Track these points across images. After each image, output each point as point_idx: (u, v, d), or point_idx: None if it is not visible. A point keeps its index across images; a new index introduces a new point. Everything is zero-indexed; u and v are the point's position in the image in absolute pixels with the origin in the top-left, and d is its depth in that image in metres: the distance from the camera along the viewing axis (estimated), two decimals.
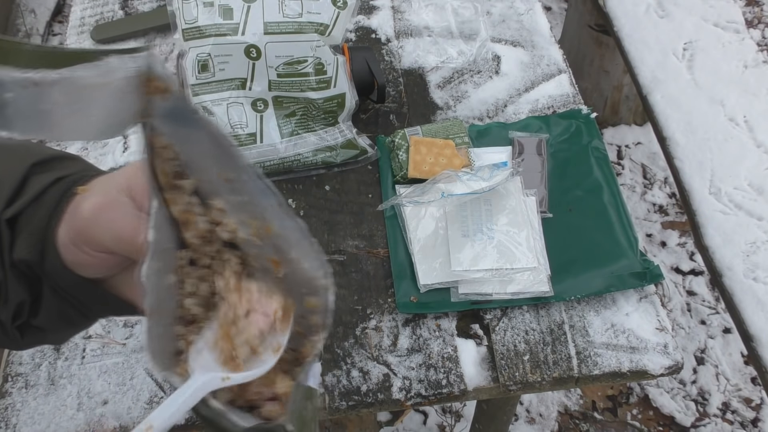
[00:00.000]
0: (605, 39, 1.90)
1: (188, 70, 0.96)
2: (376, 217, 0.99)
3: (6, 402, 0.85)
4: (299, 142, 1.00)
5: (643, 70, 1.52)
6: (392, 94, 1.14)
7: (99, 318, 0.53)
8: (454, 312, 0.90)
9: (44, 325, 0.49)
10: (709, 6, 1.62)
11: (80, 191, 0.44)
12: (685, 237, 2.01)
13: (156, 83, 0.36)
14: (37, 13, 2.59)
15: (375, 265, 0.94)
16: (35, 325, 0.49)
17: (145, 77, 0.35)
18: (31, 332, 0.49)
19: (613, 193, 0.99)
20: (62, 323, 0.50)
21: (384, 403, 0.84)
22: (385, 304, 0.91)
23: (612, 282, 0.90)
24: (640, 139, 2.20)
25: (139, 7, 1.30)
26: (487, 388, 0.85)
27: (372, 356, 0.87)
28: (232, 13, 0.93)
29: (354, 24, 1.24)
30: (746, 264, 1.19)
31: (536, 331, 0.88)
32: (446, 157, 1.00)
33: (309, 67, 0.95)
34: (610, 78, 2.02)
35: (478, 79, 1.16)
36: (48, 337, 0.52)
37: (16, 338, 0.49)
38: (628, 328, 0.88)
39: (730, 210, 1.27)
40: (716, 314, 1.87)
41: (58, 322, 0.49)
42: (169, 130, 0.39)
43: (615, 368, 0.85)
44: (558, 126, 1.07)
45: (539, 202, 0.97)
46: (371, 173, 1.04)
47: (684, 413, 1.71)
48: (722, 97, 1.44)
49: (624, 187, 2.11)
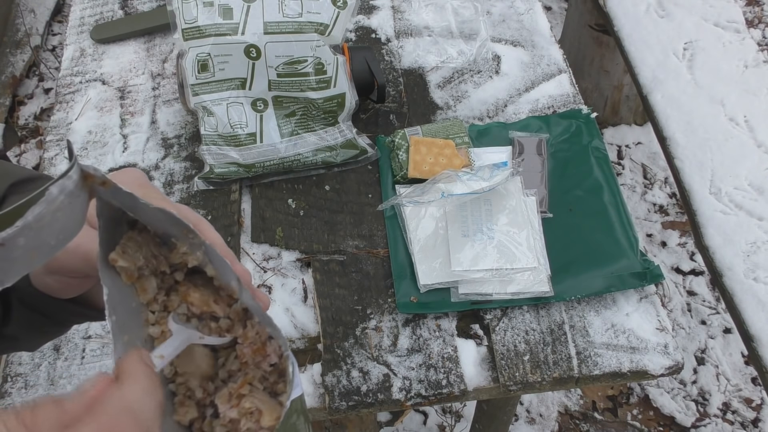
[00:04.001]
0: (605, 39, 1.90)
1: (188, 70, 0.96)
2: (376, 217, 0.99)
3: (6, 402, 0.85)
4: (299, 142, 1.00)
5: (643, 70, 1.52)
6: (392, 94, 1.13)
7: (73, 325, 0.54)
8: (454, 312, 0.90)
9: (16, 334, 0.50)
10: (710, 6, 1.62)
11: None
12: (686, 237, 2.01)
13: (93, 180, 0.38)
14: (36, 13, 2.59)
15: (375, 265, 0.94)
16: (7, 334, 0.49)
17: (81, 181, 0.38)
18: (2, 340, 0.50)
19: (614, 193, 0.99)
20: (33, 332, 0.51)
21: (384, 403, 0.84)
22: (385, 304, 0.91)
23: (612, 282, 0.90)
24: (640, 139, 2.20)
25: (139, 6, 1.30)
26: (487, 388, 0.85)
27: (372, 356, 0.87)
28: (232, 12, 0.93)
29: (354, 24, 1.24)
30: (746, 264, 1.19)
31: (536, 331, 0.88)
32: (446, 157, 1.00)
33: (309, 66, 0.95)
34: (611, 78, 2.02)
35: (478, 78, 1.16)
36: (21, 344, 0.53)
37: None
38: (629, 328, 0.88)
39: (730, 210, 1.27)
40: (716, 314, 1.87)
41: (29, 332, 0.50)
42: (120, 204, 0.42)
43: (615, 368, 0.85)
44: (558, 126, 1.07)
45: (539, 202, 0.97)
46: (371, 173, 1.04)
47: (684, 413, 1.71)
48: (722, 97, 1.44)
49: (624, 187, 2.11)
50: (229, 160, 1.00)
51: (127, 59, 1.22)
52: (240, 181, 1.03)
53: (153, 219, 0.42)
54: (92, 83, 1.18)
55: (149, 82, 1.18)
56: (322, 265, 0.94)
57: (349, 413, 0.85)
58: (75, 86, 1.18)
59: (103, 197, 0.41)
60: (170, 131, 1.11)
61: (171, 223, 0.41)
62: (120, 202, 0.41)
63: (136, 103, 1.15)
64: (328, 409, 0.83)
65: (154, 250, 0.45)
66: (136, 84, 1.18)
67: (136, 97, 1.16)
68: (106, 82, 1.18)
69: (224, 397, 0.43)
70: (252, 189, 1.03)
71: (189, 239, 0.42)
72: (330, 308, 0.91)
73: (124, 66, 1.21)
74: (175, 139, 1.10)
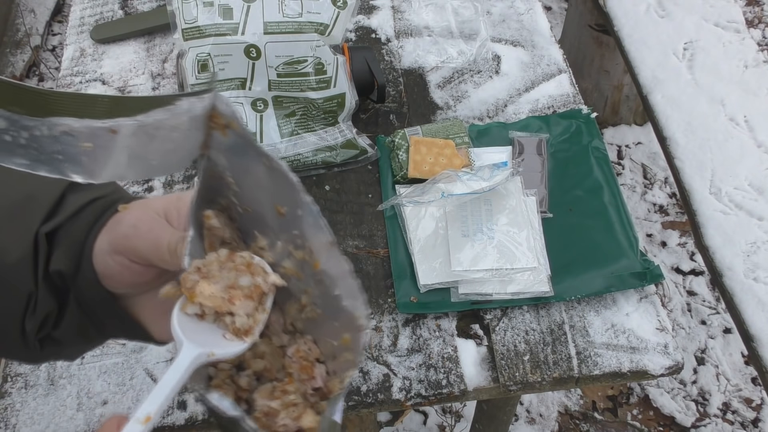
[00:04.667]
0: (605, 39, 1.90)
1: (188, 70, 0.95)
2: (376, 217, 0.99)
3: (5, 402, 0.85)
4: (299, 142, 1.00)
5: (643, 70, 1.52)
6: (392, 94, 1.13)
7: (112, 337, 0.55)
8: (454, 312, 0.90)
9: (63, 338, 0.51)
10: (710, 6, 1.62)
11: (122, 209, 0.48)
12: (686, 237, 2.01)
13: (218, 120, 0.38)
14: (36, 12, 2.59)
15: (375, 265, 0.94)
16: (54, 338, 0.51)
17: (208, 114, 0.37)
18: (49, 344, 0.51)
19: (614, 193, 0.99)
20: (79, 337, 0.52)
21: (384, 403, 0.84)
22: (385, 304, 0.91)
23: (612, 282, 0.90)
24: (640, 139, 2.20)
25: (139, 6, 1.30)
26: (487, 388, 0.85)
27: (372, 356, 0.87)
28: (232, 12, 0.93)
29: (354, 24, 1.24)
30: (746, 264, 1.19)
31: (536, 331, 0.88)
32: (446, 157, 1.00)
33: (309, 66, 0.95)
34: (611, 78, 2.02)
35: (478, 78, 1.16)
36: (64, 351, 0.54)
37: (36, 350, 0.51)
38: (629, 328, 0.88)
39: (730, 210, 1.27)
40: (716, 314, 1.87)
41: (75, 336, 0.52)
42: (227, 162, 0.41)
43: (615, 368, 0.85)
44: (558, 126, 1.07)
45: (539, 202, 0.97)
46: (371, 173, 1.04)
47: (684, 413, 1.71)
48: (722, 97, 1.44)
49: (624, 187, 2.11)
50: None
51: (127, 59, 1.22)
52: None
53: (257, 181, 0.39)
54: (92, 83, 1.18)
55: (149, 82, 1.18)
56: None
57: (349, 413, 0.85)
58: (75, 86, 1.18)
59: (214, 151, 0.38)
60: None
61: (280, 182, 0.38)
62: (231, 156, 0.38)
63: None
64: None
65: (235, 238, 0.44)
66: (136, 84, 1.18)
67: None
68: (106, 82, 1.19)
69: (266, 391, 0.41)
70: None
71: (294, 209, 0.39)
72: None
73: (124, 66, 1.21)
74: None
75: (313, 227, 0.40)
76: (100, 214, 0.49)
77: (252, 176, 0.40)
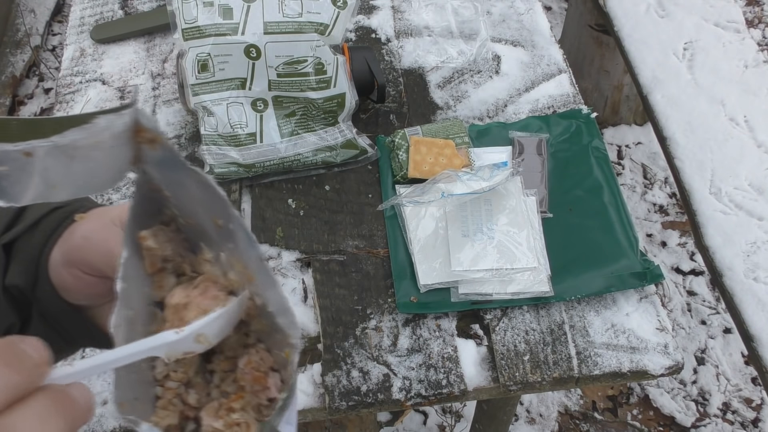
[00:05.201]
0: (605, 39, 1.90)
1: (188, 70, 0.95)
2: (376, 217, 0.99)
3: None
4: (299, 141, 1.00)
5: (643, 70, 1.52)
6: (392, 94, 1.13)
7: (81, 347, 0.54)
8: (454, 312, 0.90)
9: None
10: (710, 6, 1.62)
11: (78, 219, 0.47)
12: (686, 237, 2.01)
13: (143, 134, 0.37)
14: (36, 13, 2.59)
15: (375, 265, 0.94)
16: None
17: (134, 129, 0.36)
18: None
19: (614, 193, 0.99)
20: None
21: (384, 403, 0.84)
22: (385, 304, 0.91)
23: (612, 282, 0.90)
24: (640, 139, 2.20)
25: (139, 6, 1.30)
26: (487, 388, 0.85)
27: (372, 356, 0.87)
28: (232, 12, 0.93)
29: (354, 24, 1.24)
30: (747, 264, 1.19)
31: (536, 331, 0.88)
32: (446, 157, 1.00)
33: (309, 66, 0.95)
34: (611, 78, 2.02)
35: (478, 78, 1.16)
36: None
37: None
38: (629, 328, 0.88)
39: (730, 210, 1.27)
40: (716, 314, 1.87)
41: None
42: (160, 176, 0.40)
43: (615, 368, 0.85)
44: (558, 126, 1.07)
45: (539, 202, 0.97)
46: (371, 173, 1.04)
47: (684, 413, 1.71)
48: (722, 97, 1.44)
49: (624, 187, 2.11)
50: (229, 160, 0.99)
51: (127, 59, 1.22)
52: (240, 181, 1.03)
53: (192, 195, 0.39)
54: (92, 83, 1.18)
55: (149, 82, 1.18)
56: (322, 265, 0.94)
57: (349, 413, 0.85)
58: (75, 86, 1.18)
59: (147, 166, 0.38)
60: (170, 131, 1.11)
61: (211, 196, 0.38)
62: (163, 170, 0.38)
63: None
64: (328, 409, 0.83)
65: (182, 251, 0.43)
66: (136, 84, 1.18)
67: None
68: (106, 82, 1.18)
69: (212, 409, 0.40)
70: (252, 189, 1.03)
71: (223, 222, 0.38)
72: (330, 308, 0.91)
73: (124, 66, 1.21)
74: (175, 139, 1.10)
75: (244, 241, 0.40)
76: (56, 225, 0.48)
77: (186, 189, 0.40)
